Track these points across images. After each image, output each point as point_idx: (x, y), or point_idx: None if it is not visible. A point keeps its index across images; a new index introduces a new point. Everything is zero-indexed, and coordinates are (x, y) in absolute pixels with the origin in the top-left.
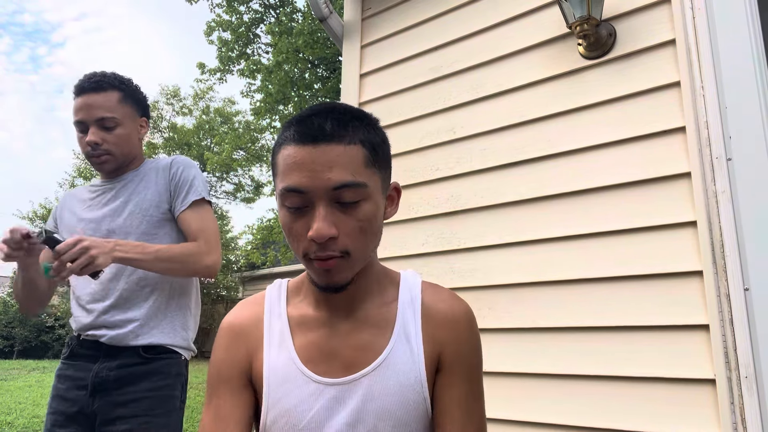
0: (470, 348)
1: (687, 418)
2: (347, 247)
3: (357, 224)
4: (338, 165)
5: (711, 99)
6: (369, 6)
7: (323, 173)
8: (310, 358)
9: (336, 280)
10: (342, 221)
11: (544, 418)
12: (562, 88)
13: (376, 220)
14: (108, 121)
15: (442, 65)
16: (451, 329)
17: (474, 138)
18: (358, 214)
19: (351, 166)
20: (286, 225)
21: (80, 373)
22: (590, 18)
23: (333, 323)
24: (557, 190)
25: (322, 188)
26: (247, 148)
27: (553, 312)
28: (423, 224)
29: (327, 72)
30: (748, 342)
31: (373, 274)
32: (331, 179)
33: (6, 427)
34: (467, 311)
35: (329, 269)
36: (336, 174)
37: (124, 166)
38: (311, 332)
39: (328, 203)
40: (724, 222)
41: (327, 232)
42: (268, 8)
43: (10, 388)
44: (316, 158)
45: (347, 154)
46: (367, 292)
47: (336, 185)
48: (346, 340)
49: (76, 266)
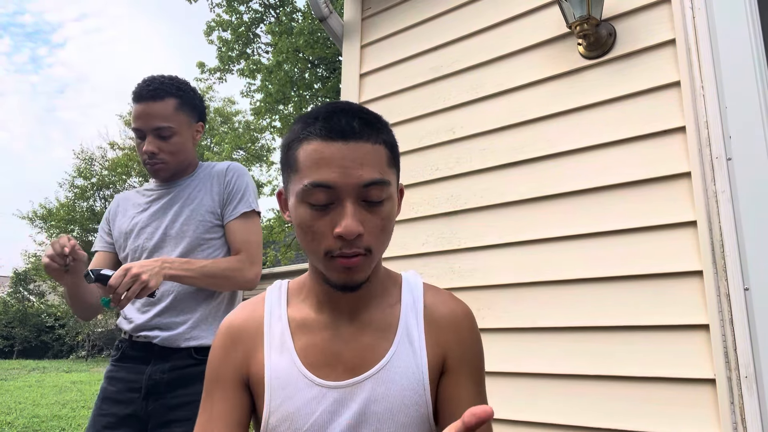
0: (474, 350)
1: (687, 418)
2: (371, 244)
3: (380, 223)
4: (368, 163)
5: (711, 99)
6: (369, 6)
7: (354, 170)
8: (312, 362)
9: (356, 279)
10: (367, 219)
11: (544, 418)
12: (562, 88)
13: (393, 220)
14: (164, 130)
15: (442, 65)
16: (455, 332)
17: (474, 138)
18: (382, 213)
19: (379, 164)
20: (306, 222)
21: (132, 375)
22: (590, 18)
23: (336, 326)
24: (557, 190)
25: (353, 185)
26: (247, 148)
27: (553, 312)
28: (423, 224)
29: (327, 72)
30: (748, 342)
31: (378, 276)
32: (362, 176)
33: (6, 427)
34: (468, 313)
35: (351, 267)
36: (367, 172)
37: (179, 173)
38: (313, 335)
39: (356, 200)
40: (724, 222)
41: (357, 229)
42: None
43: (10, 388)
44: (347, 155)
45: (375, 153)
46: (372, 294)
47: (367, 182)
48: (348, 344)
49: (131, 294)
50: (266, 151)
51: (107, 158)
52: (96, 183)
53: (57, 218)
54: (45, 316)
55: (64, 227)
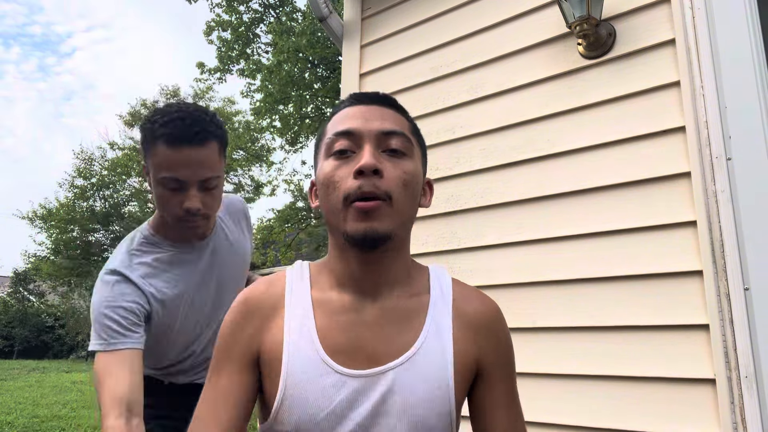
0: (509, 352)
1: (687, 418)
2: (391, 190)
3: (402, 174)
4: (389, 118)
5: (711, 99)
6: (369, 6)
7: (374, 121)
8: (332, 346)
9: (375, 227)
10: (388, 167)
11: (544, 418)
12: (561, 87)
13: (417, 184)
14: (212, 181)
15: (441, 65)
16: (489, 335)
17: (474, 138)
18: (404, 166)
19: (400, 123)
20: (329, 174)
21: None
22: (590, 18)
23: (358, 309)
24: (557, 190)
25: (373, 130)
26: (247, 148)
27: (553, 312)
28: (423, 224)
29: (327, 72)
30: (748, 342)
31: (404, 259)
32: (382, 125)
33: (6, 427)
34: (499, 311)
35: (368, 211)
36: (387, 123)
37: None
38: (335, 316)
39: (375, 146)
40: (724, 222)
41: (373, 163)
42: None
43: (10, 388)
44: (369, 111)
45: (397, 116)
46: (396, 278)
47: (386, 130)
48: (372, 330)
49: None
50: (266, 151)
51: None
52: (96, 183)
53: (57, 218)
54: (45, 316)
55: (64, 227)
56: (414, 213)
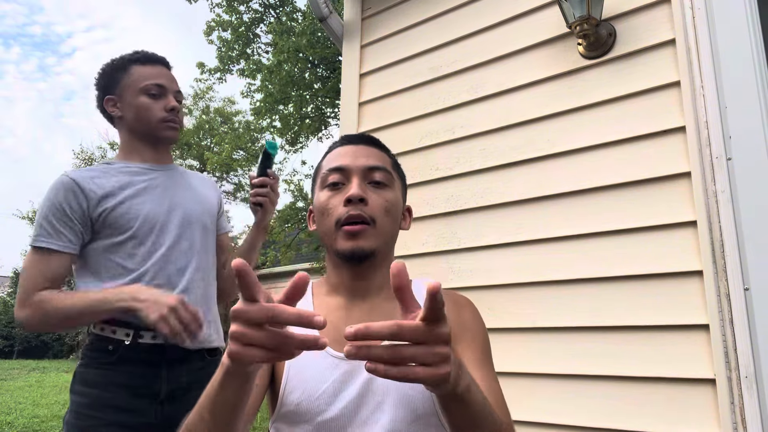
0: (476, 329)
1: (687, 418)
2: (375, 215)
3: (384, 202)
4: (374, 156)
5: (711, 99)
6: (369, 6)
7: (361, 158)
8: (328, 336)
9: (362, 245)
10: (372, 196)
11: (544, 418)
12: (561, 87)
13: (397, 211)
14: (180, 95)
15: (441, 65)
16: (456, 313)
17: (474, 138)
18: (386, 195)
19: (383, 160)
20: (323, 202)
21: (136, 381)
22: (590, 18)
23: (350, 307)
24: (557, 190)
25: (360, 166)
26: (247, 148)
27: (553, 312)
28: (423, 224)
29: (327, 72)
30: (748, 342)
31: (387, 269)
32: (368, 161)
33: (6, 427)
34: (470, 301)
35: (356, 233)
36: (371, 160)
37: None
38: (330, 313)
39: (362, 179)
40: (724, 222)
41: (359, 192)
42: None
43: (10, 388)
44: (357, 150)
45: (380, 154)
46: (381, 284)
47: (370, 166)
48: (362, 320)
49: None
50: None
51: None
52: None
53: None
54: None
55: None
56: (395, 234)
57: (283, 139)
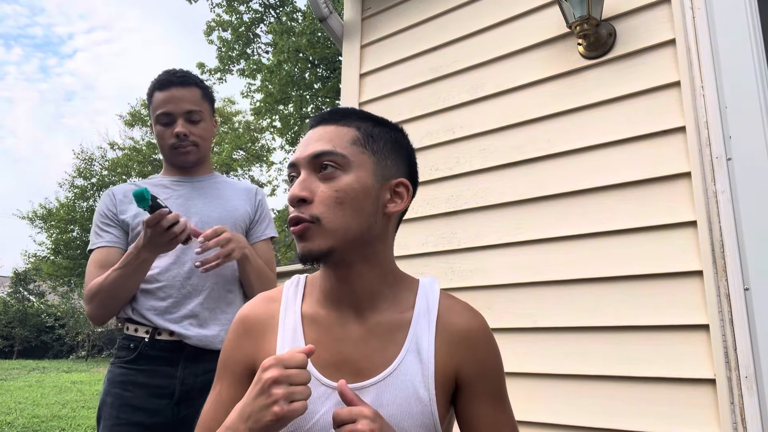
0: (490, 365)
1: (687, 418)
2: (319, 213)
3: (334, 194)
4: (325, 138)
5: (711, 99)
6: (369, 6)
7: (310, 145)
8: (320, 361)
9: (308, 247)
10: (320, 189)
11: (544, 418)
12: (562, 87)
13: (359, 197)
14: (195, 114)
15: (441, 65)
16: (469, 348)
17: (473, 138)
18: (336, 185)
19: (335, 140)
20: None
21: (156, 380)
22: (590, 18)
23: (343, 324)
24: (557, 190)
25: (305, 157)
26: (247, 148)
27: (553, 312)
28: (423, 224)
29: (327, 72)
30: (748, 342)
31: (381, 274)
32: (314, 148)
33: (6, 427)
34: (484, 327)
35: (297, 234)
36: (319, 145)
37: (201, 163)
38: (322, 332)
39: (309, 171)
40: (724, 222)
41: (297, 193)
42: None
43: (10, 388)
44: (311, 135)
45: (335, 131)
46: (377, 294)
47: (315, 153)
48: (356, 346)
49: (222, 254)
50: (266, 151)
51: (107, 158)
52: (96, 183)
53: (57, 218)
54: (45, 316)
55: (64, 227)
56: (366, 225)
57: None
